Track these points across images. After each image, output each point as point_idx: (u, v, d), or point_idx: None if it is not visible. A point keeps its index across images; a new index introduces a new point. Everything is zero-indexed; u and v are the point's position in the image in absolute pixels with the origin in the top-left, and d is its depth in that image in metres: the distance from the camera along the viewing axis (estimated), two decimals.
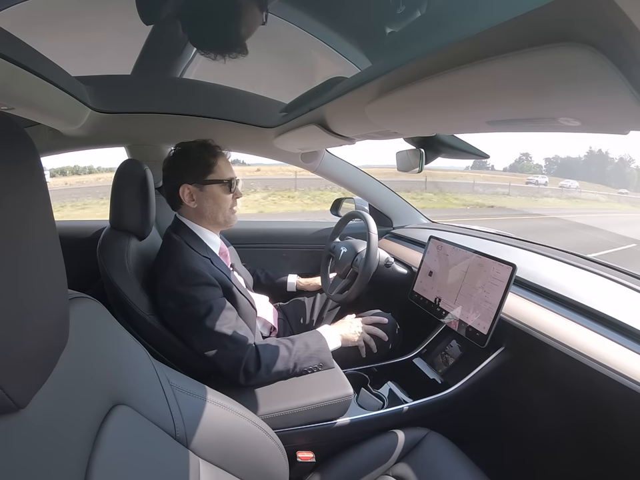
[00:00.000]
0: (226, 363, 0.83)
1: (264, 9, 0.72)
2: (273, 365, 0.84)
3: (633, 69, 0.27)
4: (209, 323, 0.83)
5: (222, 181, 0.94)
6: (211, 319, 0.83)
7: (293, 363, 0.86)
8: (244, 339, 0.85)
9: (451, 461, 0.77)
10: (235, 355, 0.83)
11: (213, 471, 0.54)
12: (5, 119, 0.30)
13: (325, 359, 0.91)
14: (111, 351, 0.47)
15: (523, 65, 0.32)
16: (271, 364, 0.84)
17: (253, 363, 0.83)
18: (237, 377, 0.83)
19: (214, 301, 0.86)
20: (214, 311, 0.84)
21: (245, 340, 0.85)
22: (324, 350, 0.91)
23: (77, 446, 0.37)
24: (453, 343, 1.05)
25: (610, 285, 0.87)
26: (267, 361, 0.84)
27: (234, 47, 0.78)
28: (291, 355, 0.86)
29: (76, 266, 0.82)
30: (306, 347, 0.89)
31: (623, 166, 59.27)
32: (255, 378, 0.83)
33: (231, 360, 0.83)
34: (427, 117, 0.61)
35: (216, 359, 0.83)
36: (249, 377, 0.83)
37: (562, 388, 0.83)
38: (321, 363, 0.90)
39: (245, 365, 0.82)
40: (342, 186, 1.61)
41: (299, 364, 0.87)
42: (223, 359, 0.83)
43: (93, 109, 0.98)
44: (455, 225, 1.58)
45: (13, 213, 0.29)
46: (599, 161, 42.23)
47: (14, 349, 0.29)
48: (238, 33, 0.76)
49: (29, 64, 0.59)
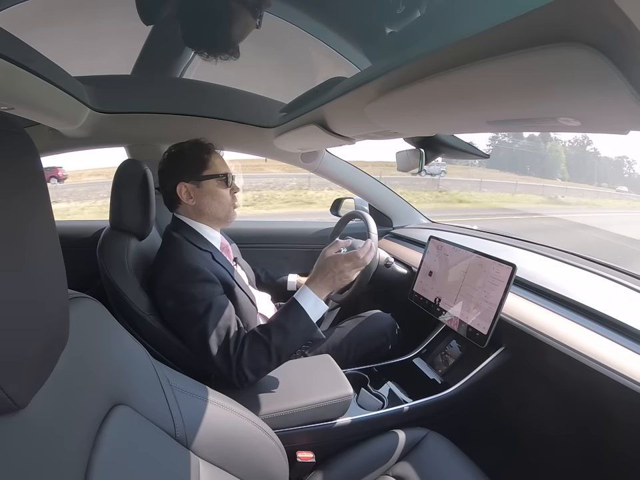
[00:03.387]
0: (221, 365, 0.81)
1: (257, 15, 0.73)
2: (259, 368, 0.81)
3: (632, 69, 0.27)
4: (207, 322, 0.81)
5: (218, 176, 0.94)
6: (208, 319, 0.82)
7: (277, 359, 0.81)
8: (236, 344, 0.82)
9: (450, 461, 0.77)
10: (227, 359, 0.80)
11: (212, 471, 0.54)
12: (5, 119, 0.30)
13: (310, 336, 0.83)
14: (110, 351, 0.47)
15: (523, 65, 0.32)
16: (257, 368, 0.81)
17: (241, 369, 0.80)
18: (231, 379, 0.81)
19: (213, 298, 0.84)
20: (213, 310, 0.83)
21: (236, 346, 0.82)
22: (307, 328, 0.82)
23: (77, 446, 0.37)
24: (453, 343, 1.05)
25: (610, 285, 0.87)
26: (252, 367, 0.80)
27: (225, 48, 0.79)
28: (272, 353, 0.80)
29: (76, 266, 0.82)
30: (285, 334, 0.80)
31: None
32: (247, 382, 0.81)
33: (225, 362, 0.81)
34: (426, 117, 0.61)
35: (212, 359, 0.81)
36: (241, 382, 0.81)
37: (562, 388, 0.83)
38: (308, 342, 0.83)
39: (236, 372, 0.80)
40: (342, 186, 1.61)
41: (283, 355, 0.81)
42: (218, 361, 0.81)
43: (93, 108, 0.98)
44: (454, 225, 1.58)
45: (13, 213, 0.29)
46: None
47: (14, 349, 0.29)
48: (229, 36, 0.77)
49: (29, 64, 0.59)
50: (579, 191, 21.61)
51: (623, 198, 23.24)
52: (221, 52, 0.80)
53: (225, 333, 0.82)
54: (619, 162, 34.55)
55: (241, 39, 0.78)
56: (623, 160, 39.03)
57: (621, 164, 35.76)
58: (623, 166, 34.86)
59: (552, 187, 20.33)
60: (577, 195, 20.23)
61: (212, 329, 0.81)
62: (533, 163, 26.22)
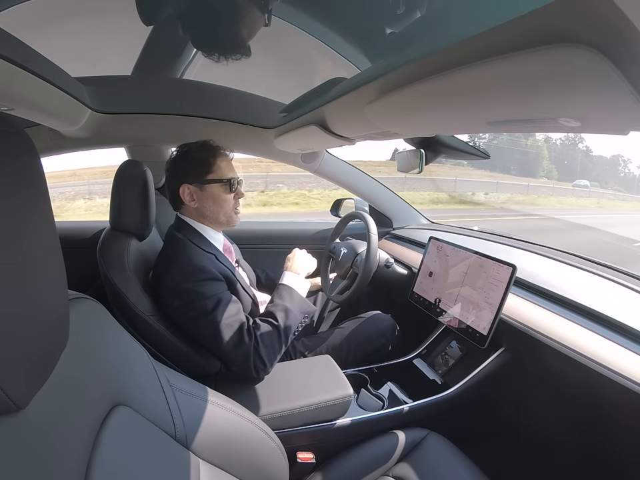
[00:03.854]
0: (235, 357, 0.84)
1: (265, 10, 0.72)
2: (274, 352, 0.86)
3: (632, 69, 0.27)
4: (217, 318, 0.83)
5: (222, 181, 0.94)
6: (219, 313, 0.83)
7: (285, 336, 0.88)
8: (249, 334, 0.85)
9: (451, 461, 0.77)
10: (243, 349, 0.83)
11: (213, 472, 0.54)
12: (5, 119, 0.30)
13: (305, 309, 0.94)
14: (111, 351, 0.47)
15: (523, 65, 0.32)
16: (272, 352, 0.85)
17: (259, 356, 0.84)
18: (249, 370, 0.83)
19: (220, 294, 0.86)
20: (221, 305, 0.84)
21: (250, 335, 0.85)
22: (301, 302, 0.93)
23: (77, 447, 0.36)
24: (453, 344, 1.05)
25: (610, 286, 0.87)
26: (268, 352, 0.84)
27: (236, 48, 0.78)
28: (281, 331, 0.87)
29: (76, 266, 0.82)
30: (286, 311, 0.90)
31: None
32: (264, 371, 0.85)
33: (240, 354, 0.83)
34: (427, 118, 0.61)
35: (226, 353, 0.84)
36: (258, 371, 0.84)
37: (561, 388, 0.83)
38: (305, 315, 0.93)
39: (253, 360, 0.83)
40: (342, 186, 1.61)
41: (290, 331, 0.89)
42: (232, 354, 0.83)
43: (93, 109, 0.98)
44: (454, 226, 1.58)
45: (13, 214, 0.29)
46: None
47: (14, 349, 0.29)
48: (239, 35, 0.76)
49: (29, 64, 0.59)
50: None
51: (579, 194, 19.29)
52: (232, 52, 0.79)
53: (238, 325, 0.84)
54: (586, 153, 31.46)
55: (250, 37, 0.76)
56: (588, 152, 35.73)
57: (590, 156, 32.31)
58: (591, 158, 31.52)
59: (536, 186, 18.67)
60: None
61: (223, 323, 0.83)
62: (513, 160, 24.83)
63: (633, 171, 36.19)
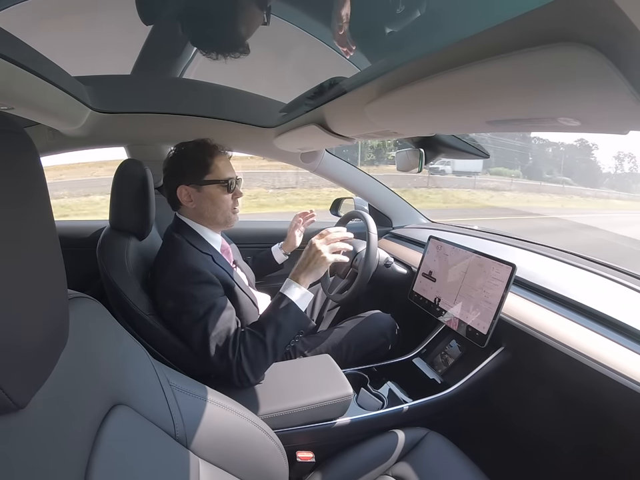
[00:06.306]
0: (219, 367, 0.82)
1: (263, 7, 0.72)
2: (259, 366, 0.82)
3: (632, 68, 0.27)
4: (207, 325, 0.82)
5: (219, 181, 0.93)
6: (210, 321, 0.82)
7: (273, 351, 0.82)
8: (234, 347, 0.83)
9: (450, 460, 0.77)
10: (226, 361, 0.81)
11: (212, 471, 0.54)
12: (5, 119, 0.30)
13: (301, 325, 0.86)
14: (110, 351, 0.47)
15: (523, 65, 0.32)
16: (256, 367, 0.82)
17: (242, 370, 0.81)
18: (233, 381, 0.81)
19: (214, 300, 0.85)
20: (213, 312, 0.83)
21: (235, 348, 0.83)
22: (297, 317, 0.85)
23: (76, 446, 0.37)
24: (453, 343, 1.05)
25: (610, 285, 0.87)
26: (252, 366, 0.81)
27: (235, 46, 0.78)
28: (268, 347, 0.82)
29: (76, 266, 0.82)
30: (277, 327, 0.83)
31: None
32: (248, 383, 0.82)
33: (224, 365, 0.81)
34: (426, 117, 0.61)
35: (210, 361, 0.82)
36: (242, 382, 0.82)
37: (561, 388, 0.83)
38: (300, 331, 0.87)
39: (237, 373, 0.81)
40: (341, 186, 1.61)
41: (279, 347, 0.83)
42: (217, 365, 0.82)
43: (93, 109, 0.98)
44: (454, 225, 1.58)
45: (13, 213, 0.29)
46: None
47: (14, 348, 0.29)
48: (238, 33, 0.75)
49: (29, 64, 0.59)
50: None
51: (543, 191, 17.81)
52: (230, 50, 0.79)
53: (225, 335, 0.82)
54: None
55: (249, 34, 0.76)
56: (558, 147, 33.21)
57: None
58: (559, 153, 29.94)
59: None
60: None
61: (212, 331, 0.82)
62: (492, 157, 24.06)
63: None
